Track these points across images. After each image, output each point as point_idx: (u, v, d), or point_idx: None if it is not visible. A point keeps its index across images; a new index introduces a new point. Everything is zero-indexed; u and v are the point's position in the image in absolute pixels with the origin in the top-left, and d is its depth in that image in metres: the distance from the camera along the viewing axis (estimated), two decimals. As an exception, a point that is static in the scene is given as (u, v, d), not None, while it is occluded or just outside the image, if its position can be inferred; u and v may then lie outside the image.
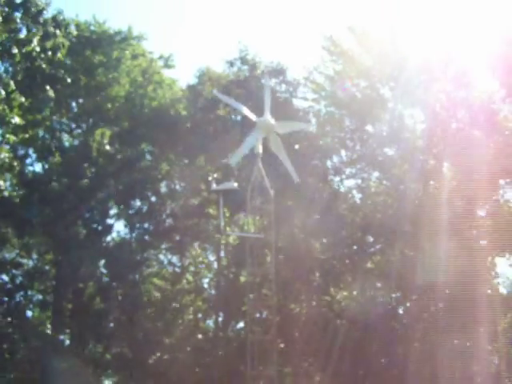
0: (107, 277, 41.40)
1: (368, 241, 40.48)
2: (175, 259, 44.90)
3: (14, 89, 33.10)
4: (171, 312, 42.44)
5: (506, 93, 38.46)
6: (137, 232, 42.92)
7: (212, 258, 45.13)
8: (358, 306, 38.59)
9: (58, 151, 41.97)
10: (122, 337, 41.19)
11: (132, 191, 41.86)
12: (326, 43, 42.06)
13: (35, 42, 34.36)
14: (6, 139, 34.55)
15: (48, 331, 40.55)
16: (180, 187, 44.90)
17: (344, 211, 40.63)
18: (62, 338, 41.34)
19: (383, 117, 41.06)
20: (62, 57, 36.87)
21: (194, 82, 44.24)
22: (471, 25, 37.00)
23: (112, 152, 42.36)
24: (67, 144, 43.90)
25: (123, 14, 73.85)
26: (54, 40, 35.67)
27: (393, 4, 40.30)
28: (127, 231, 43.18)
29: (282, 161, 32.49)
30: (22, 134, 36.52)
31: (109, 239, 42.95)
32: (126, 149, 42.93)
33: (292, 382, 39.60)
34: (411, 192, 38.57)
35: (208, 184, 38.86)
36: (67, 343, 41.34)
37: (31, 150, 41.44)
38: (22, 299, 40.27)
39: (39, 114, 37.25)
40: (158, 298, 42.88)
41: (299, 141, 40.42)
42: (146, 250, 42.78)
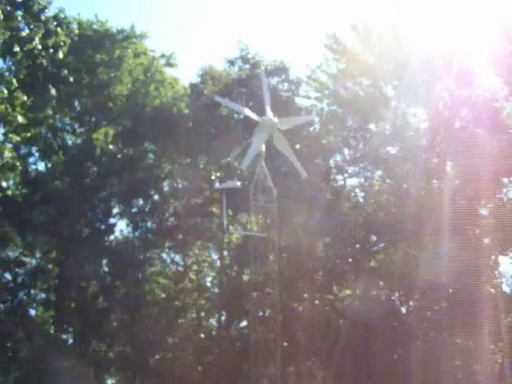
0: (110, 276, 41.35)
1: (371, 240, 40.42)
2: (178, 258, 44.90)
3: (17, 86, 33.09)
4: (174, 311, 42.38)
5: (509, 91, 38.41)
6: (140, 231, 42.85)
7: (215, 257, 45.11)
8: (360, 305, 38.53)
9: (61, 150, 41.97)
10: (125, 336, 41.15)
11: (135, 190, 41.80)
12: (329, 41, 42.07)
13: (37, 39, 34.35)
14: (9, 139, 34.55)
15: (51, 330, 40.50)
16: (183, 186, 44.85)
17: (347, 210, 40.59)
18: (64, 336, 41.32)
19: (386, 115, 41.01)
20: (64, 55, 36.82)
21: (197, 81, 44.21)
22: (474, 23, 36.94)
23: (115, 151, 42.34)
24: (70, 143, 43.89)
25: (123, 13, 73.94)
26: (55, 38, 35.66)
27: (395, 2, 40.30)
28: (130, 230, 43.15)
29: (288, 157, 32.47)
30: (25, 133, 36.50)
31: (112, 238, 42.98)
32: (129, 148, 42.90)
33: (295, 381, 39.53)
34: (414, 191, 38.52)
35: (211, 183, 38.83)
36: (70, 342, 41.30)
37: (34, 149, 41.44)
38: (24, 298, 40.25)
39: (41, 112, 37.18)
40: (160, 296, 42.83)
41: (302, 140, 40.37)
42: (149, 249, 42.67)
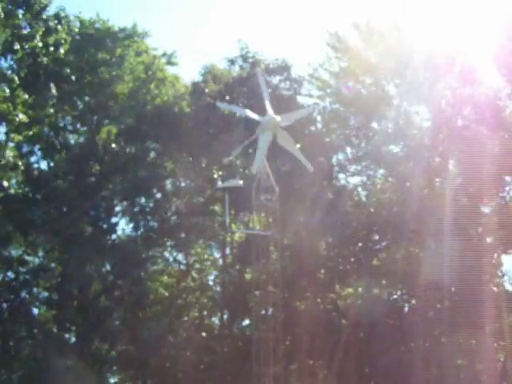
0: (112, 274, 41.34)
1: (373, 238, 40.38)
2: (180, 257, 44.88)
3: (18, 83, 33.05)
4: (176, 310, 42.37)
5: (512, 89, 38.38)
6: (142, 229, 42.83)
7: (217, 256, 45.10)
8: (363, 304, 38.52)
9: (64, 149, 41.93)
10: (127, 335, 41.14)
11: (137, 188, 41.75)
12: (331, 40, 42.03)
13: (37, 37, 34.32)
14: (11, 138, 34.53)
15: (54, 329, 40.49)
16: (185, 184, 44.83)
17: (349, 208, 40.56)
18: (67, 335, 41.30)
19: (388, 114, 40.98)
20: (65, 53, 36.78)
21: (199, 80, 44.18)
22: (477, 21, 36.88)
23: (117, 149, 42.32)
24: (72, 142, 43.86)
25: (126, 12, 73.96)
26: (55, 35, 35.62)
27: (398, 0, 40.23)
28: (132, 229, 43.13)
29: (293, 153, 32.46)
30: (27, 131, 36.45)
31: (114, 237, 42.92)
32: (131, 146, 42.87)
33: (297, 379, 39.52)
34: (417, 189, 38.48)
35: (213, 181, 38.80)
36: (72, 341, 41.29)
37: (36, 148, 41.38)
38: (27, 296, 40.23)
39: (42, 111, 37.11)
40: (163, 295, 42.82)
41: (304, 138, 40.29)
42: (151, 248, 42.65)
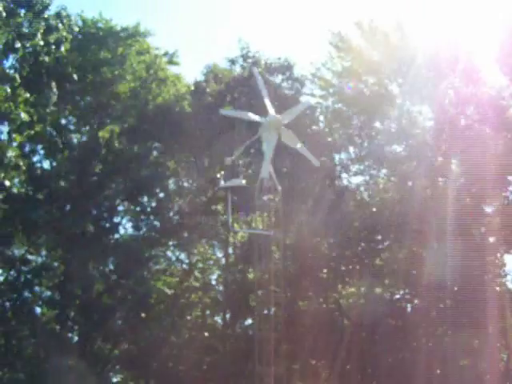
0: (115, 274, 41.35)
1: (376, 238, 40.33)
2: (183, 256, 44.89)
3: (20, 82, 33.04)
4: (179, 309, 42.36)
5: (515, 89, 38.33)
6: (144, 229, 42.84)
7: (220, 255, 45.11)
8: (365, 304, 38.48)
9: (66, 148, 41.91)
10: (130, 334, 41.15)
11: (140, 188, 41.76)
12: (334, 39, 42.01)
13: (39, 35, 34.31)
14: (13, 138, 34.52)
15: (56, 328, 40.48)
16: (188, 184, 44.83)
17: (352, 208, 40.53)
18: (69, 335, 41.30)
19: (391, 113, 40.97)
20: (66, 51, 36.76)
21: (201, 79, 44.18)
22: (480, 20, 36.84)
23: (119, 149, 42.33)
24: (75, 141, 43.85)
25: (128, 12, 73.97)
26: (56, 34, 35.61)
27: (401, 0, 40.21)
28: (135, 228, 43.12)
29: (299, 150, 32.42)
30: (29, 131, 36.43)
31: (117, 236, 42.94)
32: (133, 145, 42.87)
33: (299, 379, 39.50)
34: (419, 189, 38.47)
35: (215, 181, 38.79)
36: (75, 340, 41.28)
37: (39, 147, 41.37)
38: (29, 296, 40.23)
39: (44, 110, 37.09)
40: (166, 294, 42.79)
41: (307, 138, 40.23)
42: (154, 247, 42.66)
